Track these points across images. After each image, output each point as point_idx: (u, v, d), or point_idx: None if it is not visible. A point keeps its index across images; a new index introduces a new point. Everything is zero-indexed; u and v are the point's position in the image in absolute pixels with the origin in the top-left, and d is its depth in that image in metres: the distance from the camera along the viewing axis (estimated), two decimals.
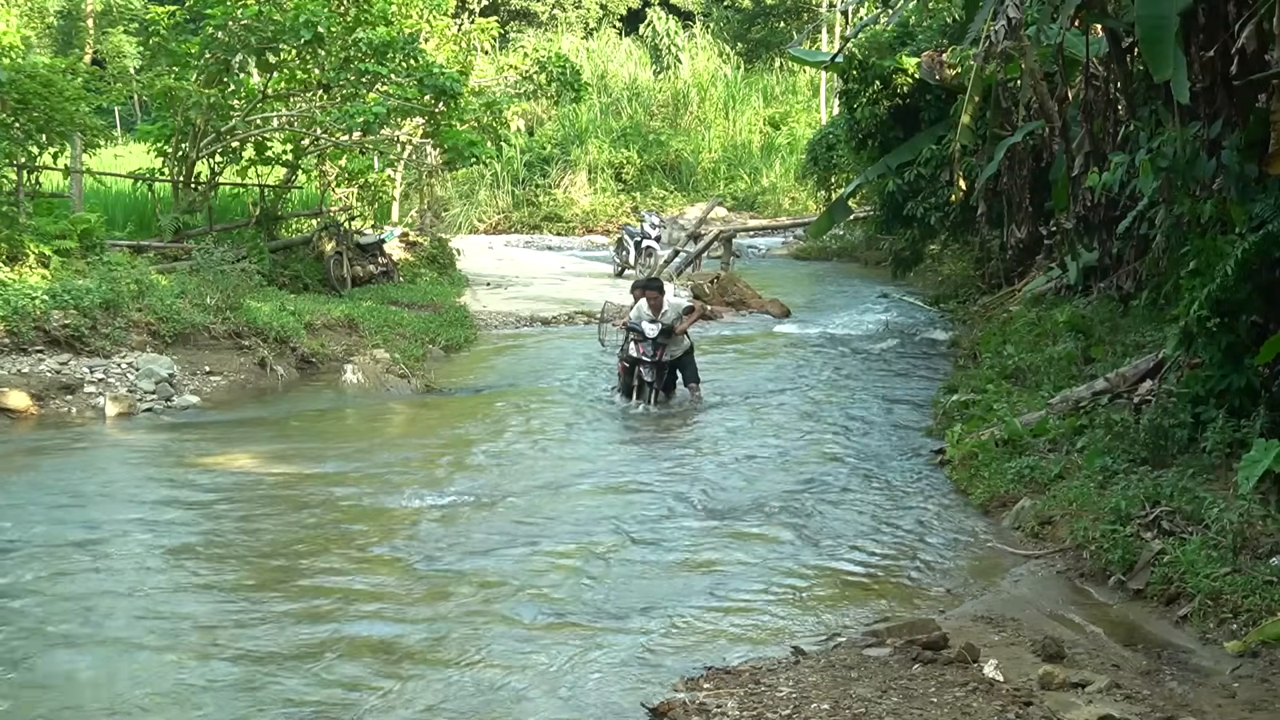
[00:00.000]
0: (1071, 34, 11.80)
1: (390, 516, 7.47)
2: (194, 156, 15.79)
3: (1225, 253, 6.70)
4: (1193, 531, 5.89)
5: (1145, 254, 10.22)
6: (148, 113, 25.04)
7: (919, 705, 4.44)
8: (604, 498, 8.00)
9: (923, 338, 15.15)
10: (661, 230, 22.38)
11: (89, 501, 7.59)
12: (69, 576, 6.17)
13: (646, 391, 10.77)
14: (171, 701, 4.78)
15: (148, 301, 11.44)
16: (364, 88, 15.71)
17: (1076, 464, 7.42)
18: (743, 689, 4.67)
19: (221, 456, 8.80)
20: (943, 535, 7.11)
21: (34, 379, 9.96)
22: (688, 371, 11.17)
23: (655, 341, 10.63)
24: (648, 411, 10.64)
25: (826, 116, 32.95)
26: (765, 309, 17.60)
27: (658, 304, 10.91)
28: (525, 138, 33.04)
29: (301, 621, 5.63)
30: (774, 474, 8.57)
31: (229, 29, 14.63)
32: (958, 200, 14.46)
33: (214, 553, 6.65)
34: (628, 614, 5.77)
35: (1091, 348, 9.99)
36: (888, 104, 17.03)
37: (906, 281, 19.74)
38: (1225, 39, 7.50)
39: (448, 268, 20.38)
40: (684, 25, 41.25)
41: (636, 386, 10.77)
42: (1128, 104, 10.60)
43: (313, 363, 12.37)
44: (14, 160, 12.91)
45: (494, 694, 4.85)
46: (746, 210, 32.87)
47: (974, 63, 13.40)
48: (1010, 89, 14.38)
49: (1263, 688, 4.61)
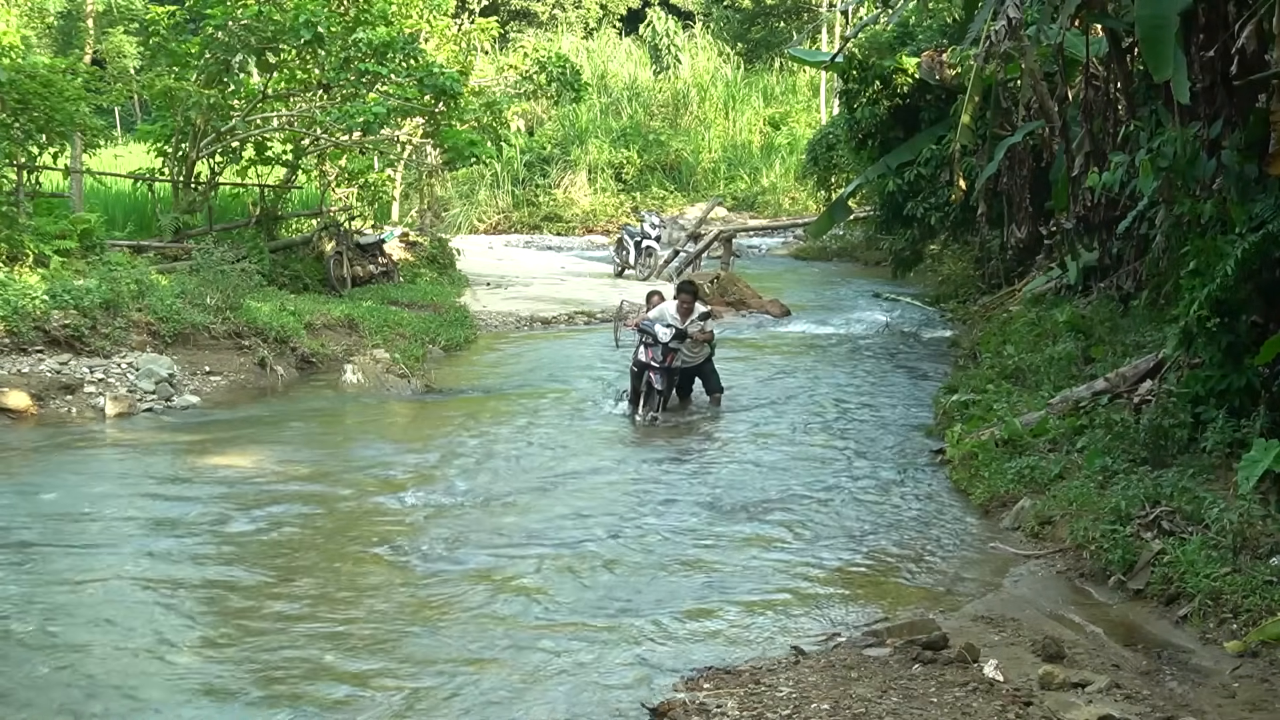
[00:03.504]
0: (1071, 34, 11.80)
1: (390, 516, 7.47)
2: (194, 156, 15.79)
3: (1225, 253, 6.70)
4: (1193, 531, 5.90)
5: (1145, 254, 10.23)
6: (148, 113, 25.07)
7: (919, 705, 4.44)
8: (604, 498, 8.00)
9: (923, 338, 15.15)
10: (661, 230, 22.38)
11: (88, 501, 7.58)
12: (68, 577, 6.16)
13: (654, 400, 10.12)
14: (171, 701, 4.78)
15: (148, 301, 11.43)
16: (364, 88, 15.71)
17: (1076, 464, 7.42)
18: (743, 689, 4.67)
19: (221, 457, 8.80)
20: (943, 535, 7.11)
21: (34, 379, 9.96)
22: (710, 381, 10.71)
23: (667, 347, 10.05)
24: (654, 422, 10.09)
25: (826, 116, 32.95)
26: (765, 309, 17.59)
27: (689, 308, 10.42)
28: (525, 138, 33.04)
29: (301, 621, 5.63)
30: (774, 474, 8.57)
31: (229, 29, 14.63)
32: (958, 200, 14.46)
33: (213, 552, 6.65)
34: (628, 614, 5.77)
35: (1091, 348, 9.99)
36: (888, 104, 17.04)
37: (906, 281, 19.74)
38: (1225, 39, 7.51)
39: (448, 268, 20.38)
40: (684, 25, 41.25)
41: (645, 394, 10.16)
42: (1128, 104, 10.60)
43: (313, 363, 12.37)
44: (14, 160, 12.91)
45: (494, 694, 4.85)
46: (746, 210, 32.88)
47: (974, 63, 13.40)
48: (1010, 89, 14.39)
49: (1263, 688, 4.62)
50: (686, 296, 10.57)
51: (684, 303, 10.48)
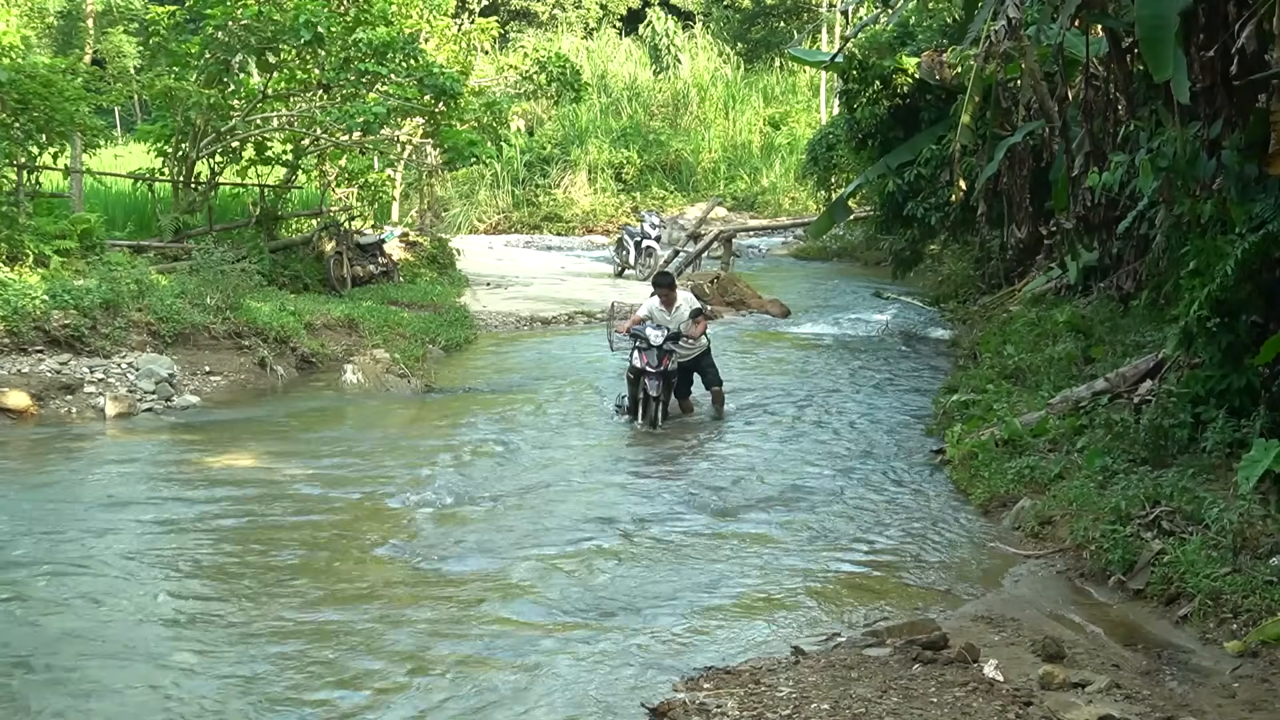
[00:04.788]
0: (1071, 34, 11.78)
1: (390, 516, 7.47)
2: (194, 156, 15.78)
3: (1225, 253, 6.70)
4: (1193, 531, 5.90)
5: (1145, 254, 10.22)
6: (148, 113, 25.02)
7: (919, 705, 4.44)
8: (603, 497, 8.00)
9: (923, 338, 15.15)
10: (661, 230, 22.37)
11: (88, 501, 7.59)
12: (68, 577, 6.17)
13: (651, 408, 9.86)
14: (171, 701, 4.78)
15: (148, 301, 11.43)
16: (364, 88, 15.71)
17: (1076, 464, 7.42)
18: (743, 689, 4.67)
19: (221, 457, 8.80)
20: (943, 535, 7.12)
21: (34, 379, 9.96)
22: (708, 374, 10.45)
23: (661, 350, 9.79)
24: (651, 431, 9.81)
25: (826, 116, 32.93)
26: (765, 309, 17.60)
27: (670, 300, 10.16)
28: (525, 138, 33.02)
29: (301, 621, 5.63)
30: (773, 474, 8.58)
31: (229, 29, 14.62)
32: (958, 200, 14.44)
33: (213, 553, 6.66)
34: (628, 614, 5.77)
35: (1091, 348, 9.99)
36: (888, 104, 17.03)
37: (906, 281, 19.74)
38: (1225, 39, 7.50)
39: (448, 268, 20.38)
40: (684, 25, 41.20)
41: (642, 400, 9.90)
42: (1128, 104, 10.59)
43: (313, 363, 12.37)
44: (14, 160, 12.91)
45: (494, 694, 4.85)
46: (746, 210, 32.85)
47: (974, 63, 13.40)
48: (1010, 89, 14.37)
49: (1263, 688, 4.62)
50: (663, 289, 10.23)
51: (664, 296, 10.16)
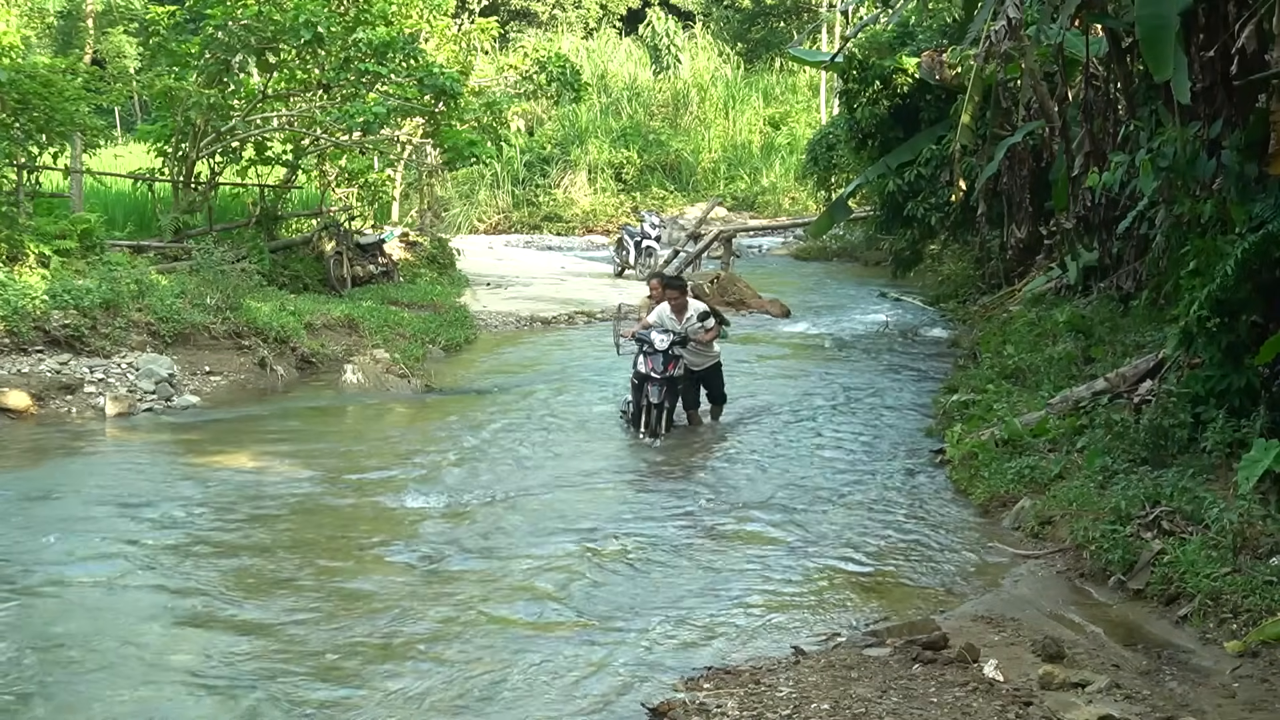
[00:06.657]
0: (1071, 34, 11.79)
1: (390, 516, 7.47)
2: (194, 156, 15.78)
3: (1225, 253, 6.70)
4: (1193, 531, 5.90)
5: (1145, 254, 10.23)
6: (148, 113, 25.06)
7: (919, 705, 4.44)
8: (604, 497, 8.00)
9: (923, 338, 15.15)
10: (661, 230, 22.38)
11: (88, 501, 7.58)
12: (67, 577, 6.16)
13: (653, 417, 9.38)
14: (171, 701, 4.78)
15: (148, 301, 11.44)
16: (364, 88, 15.70)
17: (1076, 464, 7.42)
18: (743, 689, 4.67)
19: (221, 456, 8.79)
20: (943, 536, 7.11)
21: (34, 379, 9.96)
22: (714, 389, 10.04)
23: (666, 355, 9.35)
24: (653, 443, 9.30)
25: (826, 116, 32.92)
26: (765, 309, 17.59)
27: (681, 305, 9.64)
28: (525, 138, 33.01)
29: (302, 621, 5.63)
30: (773, 474, 8.57)
31: (229, 29, 14.62)
32: (958, 200, 14.46)
33: (214, 553, 6.65)
34: (628, 614, 5.77)
35: (1091, 348, 9.99)
36: (888, 104, 17.03)
37: (906, 281, 19.74)
38: (1225, 39, 7.51)
39: (448, 268, 20.37)
40: (684, 25, 41.20)
41: (645, 408, 9.42)
42: (1128, 104, 10.60)
43: (313, 363, 12.36)
44: (14, 160, 12.91)
45: (494, 694, 4.85)
46: (746, 210, 32.85)
47: (974, 63, 13.41)
48: (1010, 89, 14.38)
49: (1263, 688, 4.61)
50: (674, 293, 9.76)
51: (674, 300, 9.69)
